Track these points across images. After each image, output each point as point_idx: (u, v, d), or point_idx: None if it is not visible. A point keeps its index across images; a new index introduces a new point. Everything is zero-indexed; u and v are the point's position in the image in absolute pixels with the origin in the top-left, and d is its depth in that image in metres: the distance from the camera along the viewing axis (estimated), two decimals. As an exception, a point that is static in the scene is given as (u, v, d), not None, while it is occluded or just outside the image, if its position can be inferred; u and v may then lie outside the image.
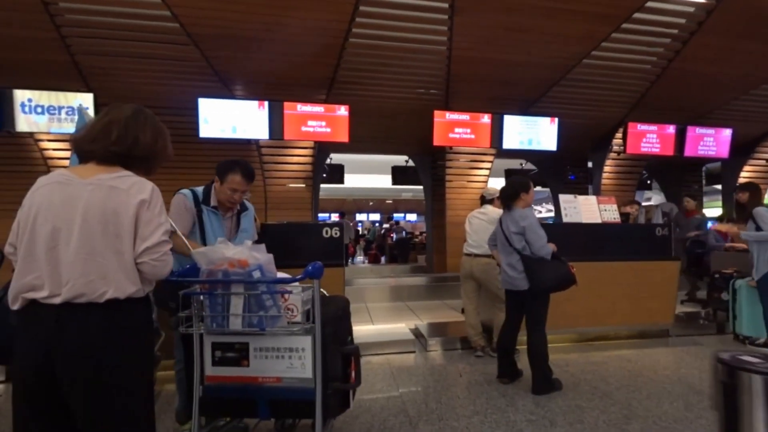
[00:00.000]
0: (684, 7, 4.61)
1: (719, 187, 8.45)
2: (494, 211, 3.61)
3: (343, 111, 6.14)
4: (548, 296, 2.72)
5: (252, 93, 6.04)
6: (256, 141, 6.29)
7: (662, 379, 2.89)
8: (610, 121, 6.69)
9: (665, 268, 3.87)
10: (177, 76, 5.49)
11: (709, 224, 5.87)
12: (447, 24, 5.04)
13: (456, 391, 2.78)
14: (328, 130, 6.15)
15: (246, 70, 5.64)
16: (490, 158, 7.06)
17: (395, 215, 25.79)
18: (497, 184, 8.84)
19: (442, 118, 6.35)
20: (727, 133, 6.66)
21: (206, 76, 5.53)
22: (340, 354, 1.74)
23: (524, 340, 2.84)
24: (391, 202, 25.71)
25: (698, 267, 4.84)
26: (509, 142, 6.41)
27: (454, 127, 6.37)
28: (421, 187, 9.37)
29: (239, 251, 1.54)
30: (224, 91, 5.90)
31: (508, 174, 10.16)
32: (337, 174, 9.48)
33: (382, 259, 12.91)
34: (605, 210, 3.95)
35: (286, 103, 6.00)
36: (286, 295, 1.62)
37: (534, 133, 6.39)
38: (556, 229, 3.92)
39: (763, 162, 7.47)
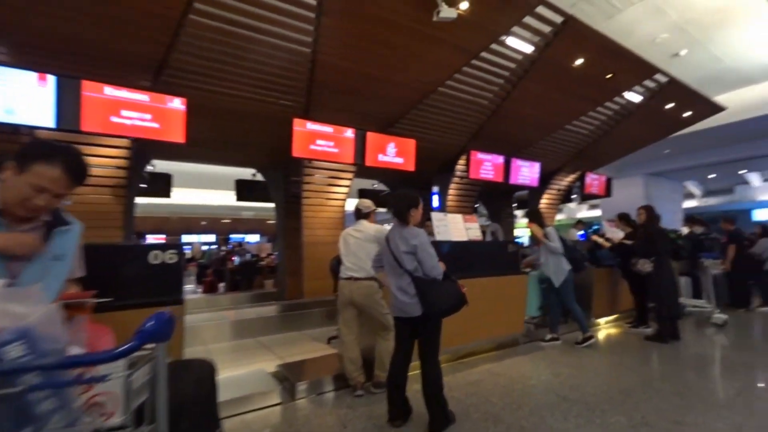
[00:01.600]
0: (515, 54, 5.53)
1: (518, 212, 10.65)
2: (371, 227, 3.33)
3: (178, 104, 4.96)
4: (441, 321, 2.54)
5: (26, 60, 4.26)
6: (32, 128, 4.44)
7: (533, 390, 3.07)
8: (455, 148, 7.51)
9: (517, 281, 4.33)
10: None
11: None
12: (313, 24, 4.68)
13: (344, 450, 2.27)
14: (156, 125, 4.86)
15: (13, 25, 3.93)
16: (350, 175, 6.92)
17: (233, 236, 23.54)
18: (352, 203, 8.81)
19: (302, 127, 5.87)
20: (537, 166, 8.40)
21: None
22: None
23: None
24: (229, 221, 23.38)
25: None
26: (371, 160, 6.40)
27: (316, 139, 5.97)
28: (265, 204, 8.57)
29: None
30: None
31: (362, 194, 10.33)
32: (161, 185, 7.74)
33: (221, 286, 11.20)
34: (470, 228, 4.18)
35: (85, 82, 4.45)
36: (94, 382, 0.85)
37: (394, 151, 6.58)
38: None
39: (555, 191, 9.74)
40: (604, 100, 6.96)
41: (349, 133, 6.21)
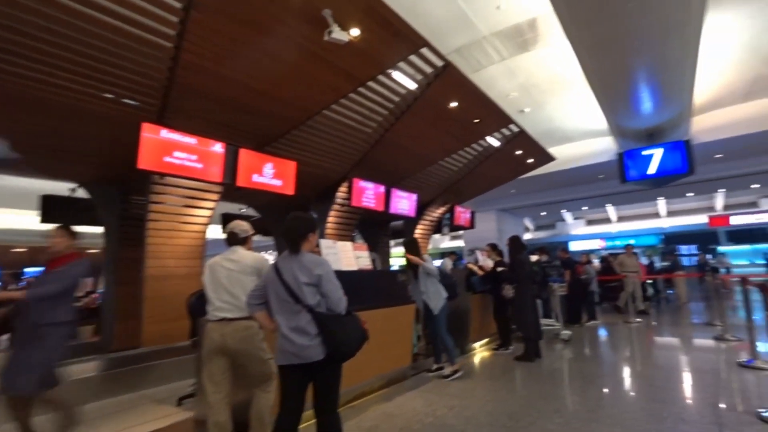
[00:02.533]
0: (400, 89, 5.87)
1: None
2: (248, 256, 2.91)
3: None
4: (342, 364, 2.28)
5: None
6: None
7: (431, 430, 3.00)
8: (337, 174, 7.47)
9: (405, 312, 4.33)
10: None
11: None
12: (179, 15, 4.08)
13: None
14: None
15: None
16: (215, 196, 6.12)
17: (30, 269, 18.63)
18: (213, 230, 7.82)
19: (154, 134, 4.96)
20: (414, 197, 8.97)
21: None
22: None
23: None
24: (24, 250, 18.51)
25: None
26: (244, 180, 5.80)
27: (173, 150, 5.11)
28: (86, 228, 6.95)
29: None
30: None
31: (226, 219, 9.33)
32: None
33: (3, 339, 8.35)
34: (359, 257, 4.05)
35: None
36: None
37: (272, 173, 6.12)
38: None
39: (428, 222, 10.53)
40: (471, 141, 7.96)
41: (218, 147, 5.54)
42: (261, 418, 2.67)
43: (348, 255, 3.90)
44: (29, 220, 9.36)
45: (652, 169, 9.72)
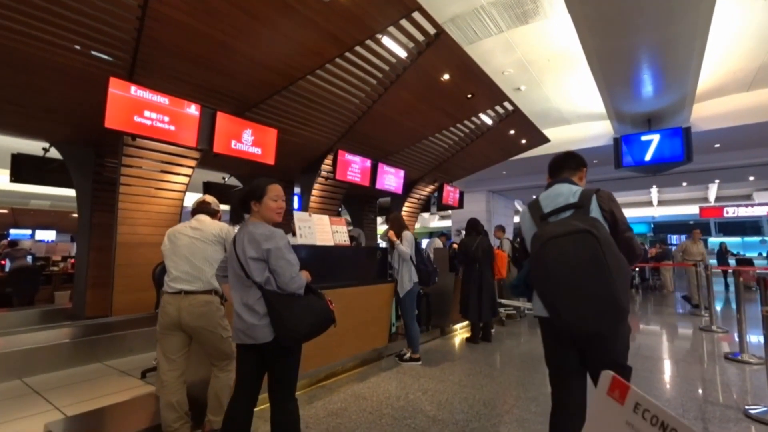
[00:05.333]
0: (390, 57, 5.52)
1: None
2: (213, 224, 2.71)
3: None
4: (300, 348, 2.09)
5: None
6: None
7: (402, 414, 2.88)
8: (322, 146, 7.16)
9: (383, 290, 4.16)
10: None
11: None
12: (147, -43, 3.70)
13: None
14: None
15: None
16: (192, 162, 5.83)
17: (15, 231, 18.33)
18: (192, 198, 7.53)
19: (123, 91, 4.62)
20: (402, 173, 8.71)
21: None
22: None
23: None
24: (6, 211, 18.02)
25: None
26: (221, 146, 5.50)
27: (144, 109, 4.78)
28: (67, 191, 6.68)
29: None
30: None
31: (207, 187, 9.04)
32: None
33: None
34: (337, 231, 3.85)
35: None
36: None
37: (251, 140, 5.82)
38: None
39: (416, 200, 10.30)
40: (463, 118, 7.65)
41: (193, 109, 5.20)
42: (218, 397, 2.53)
43: (324, 229, 3.69)
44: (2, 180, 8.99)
45: (648, 155, 9.54)
